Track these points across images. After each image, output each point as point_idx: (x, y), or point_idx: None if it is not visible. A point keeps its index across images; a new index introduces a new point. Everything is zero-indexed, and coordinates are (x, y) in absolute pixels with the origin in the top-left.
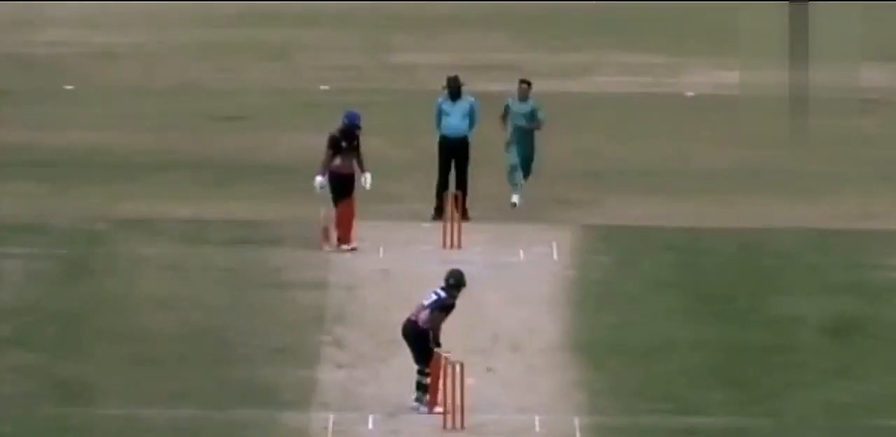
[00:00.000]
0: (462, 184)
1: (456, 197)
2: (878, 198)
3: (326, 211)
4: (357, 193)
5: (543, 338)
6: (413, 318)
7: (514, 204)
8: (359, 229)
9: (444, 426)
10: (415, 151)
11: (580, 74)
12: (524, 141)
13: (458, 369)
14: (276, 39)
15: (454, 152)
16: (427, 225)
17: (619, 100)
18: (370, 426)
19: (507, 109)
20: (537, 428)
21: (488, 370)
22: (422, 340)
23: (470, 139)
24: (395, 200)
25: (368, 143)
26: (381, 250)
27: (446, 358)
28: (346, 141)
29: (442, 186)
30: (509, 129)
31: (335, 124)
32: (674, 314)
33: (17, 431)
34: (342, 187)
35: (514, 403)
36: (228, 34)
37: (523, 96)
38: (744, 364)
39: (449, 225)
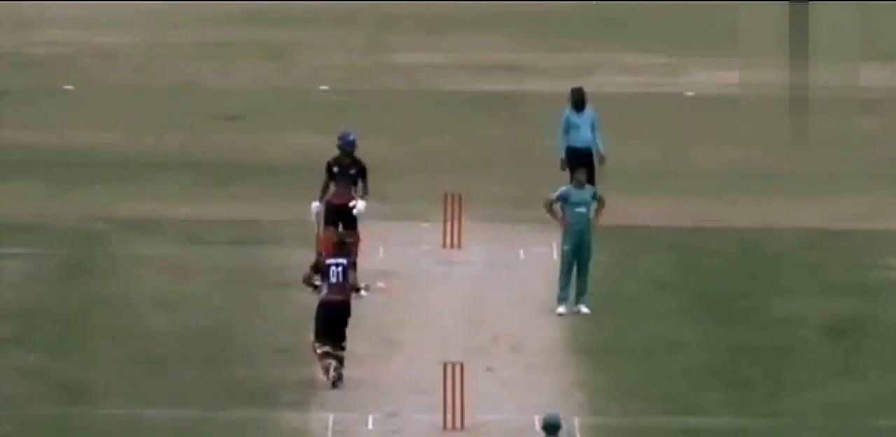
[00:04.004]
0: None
1: (460, 197)
2: (878, 198)
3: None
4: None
5: (543, 338)
6: (342, 297)
7: (561, 314)
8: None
9: (444, 426)
10: (415, 151)
11: (580, 74)
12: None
13: (457, 369)
14: (276, 39)
15: (586, 164)
16: (427, 225)
17: (619, 100)
18: (370, 426)
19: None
20: (537, 428)
21: (488, 369)
22: (349, 313)
23: (602, 149)
24: (395, 200)
25: (369, 143)
26: (381, 250)
27: None
28: (338, 166)
29: None
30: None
31: (334, 124)
32: (674, 314)
33: (17, 431)
34: (334, 219)
35: (514, 403)
36: (228, 34)
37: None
38: (744, 364)
39: (449, 225)
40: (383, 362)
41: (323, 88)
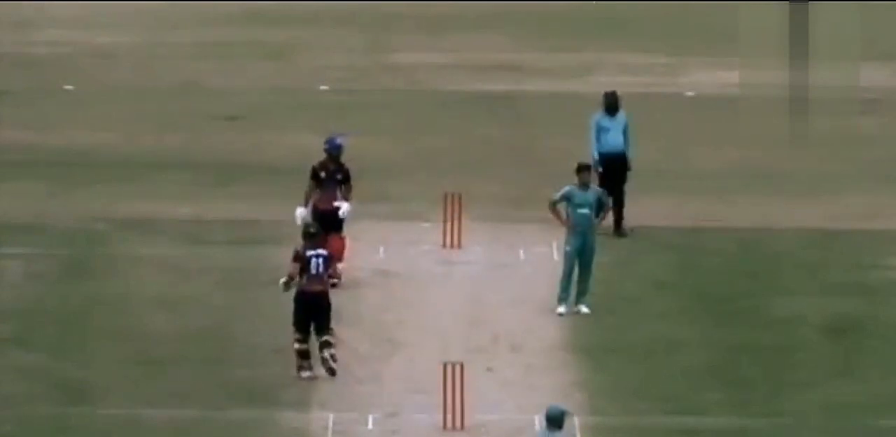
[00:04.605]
0: (619, 199)
1: (460, 197)
2: (878, 198)
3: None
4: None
5: (543, 338)
6: (321, 288)
7: (562, 314)
8: (346, 267)
9: (444, 427)
10: (415, 151)
11: (580, 74)
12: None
13: (457, 369)
14: (276, 39)
15: (614, 169)
16: (427, 225)
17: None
18: (370, 426)
19: (564, 197)
20: (537, 428)
21: (488, 369)
22: (329, 303)
23: (631, 155)
24: (395, 200)
25: (368, 143)
26: (381, 250)
27: None
28: (324, 171)
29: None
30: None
31: (334, 124)
32: (674, 314)
33: (17, 431)
34: (321, 224)
35: (514, 403)
36: (228, 34)
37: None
38: (744, 364)
39: (449, 225)
40: (383, 362)
41: (323, 87)
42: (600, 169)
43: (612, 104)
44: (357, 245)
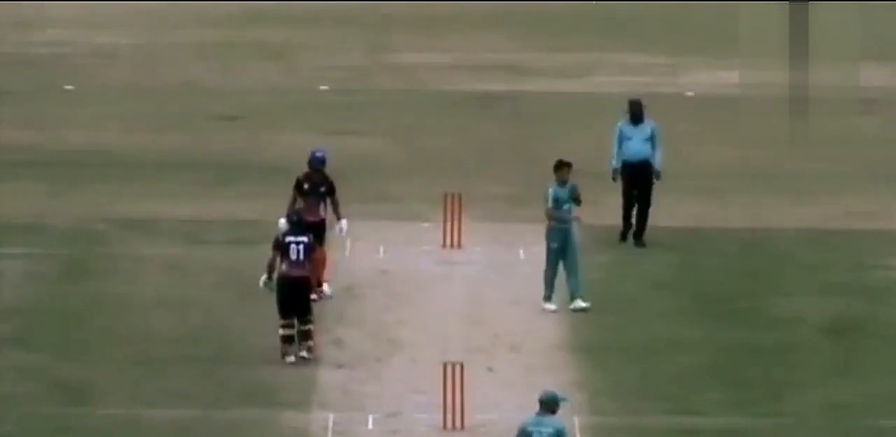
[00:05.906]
0: (644, 209)
1: (460, 197)
2: (878, 198)
3: None
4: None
5: (543, 338)
6: (302, 273)
7: (555, 310)
8: (328, 275)
9: (444, 426)
10: (415, 151)
11: (580, 74)
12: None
13: (457, 369)
14: (276, 39)
15: (637, 177)
16: (427, 225)
17: (619, 100)
18: (370, 426)
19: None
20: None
21: (488, 370)
22: (310, 289)
23: (657, 164)
24: (395, 200)
25: (369, 143)
26: (381, 250)
27: None
28: (308, 183)
29: (628, 212)
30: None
31: (333, 124)
32: (674, 314)
33: (17, 431)
34: None
35: (514, 403)
36: (228, 34)
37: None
38: (744, 364)
39: (449, 225)
40: (383, 362)
41: (323, 87)
42: (618, 177)
43: (635, 113)
44: (357, 245)
